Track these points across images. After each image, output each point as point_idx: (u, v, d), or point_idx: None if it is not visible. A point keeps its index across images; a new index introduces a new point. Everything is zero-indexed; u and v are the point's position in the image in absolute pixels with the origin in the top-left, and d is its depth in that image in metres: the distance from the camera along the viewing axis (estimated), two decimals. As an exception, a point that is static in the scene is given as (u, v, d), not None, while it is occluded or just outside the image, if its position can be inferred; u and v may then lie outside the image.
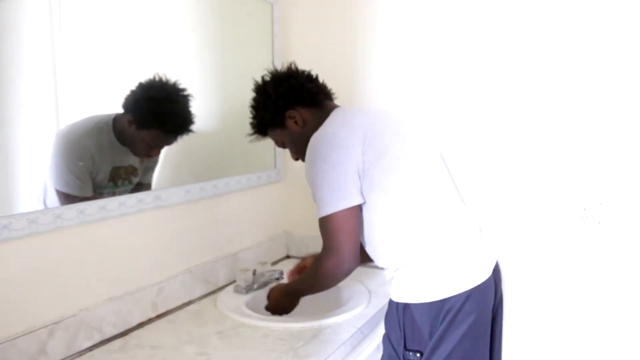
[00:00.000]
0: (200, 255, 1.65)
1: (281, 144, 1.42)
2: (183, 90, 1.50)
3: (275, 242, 2.03)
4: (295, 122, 1.35)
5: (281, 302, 1.46)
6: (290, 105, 1.34)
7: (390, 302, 1.27)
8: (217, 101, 1.75)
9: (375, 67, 1.92)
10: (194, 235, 1.63)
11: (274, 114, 1.36)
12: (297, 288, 1.43)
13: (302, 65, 2.01)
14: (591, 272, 1.69)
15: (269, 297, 1.50)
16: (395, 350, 1.26)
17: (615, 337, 1.67)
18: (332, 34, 1.98)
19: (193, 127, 1.53)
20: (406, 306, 1.20)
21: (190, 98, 1.51)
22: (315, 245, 1.87)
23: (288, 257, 2.10)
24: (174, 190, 1.53)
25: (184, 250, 1.59)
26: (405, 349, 1.22)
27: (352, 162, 1.18)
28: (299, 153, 1.37)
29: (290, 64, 1.43)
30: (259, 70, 1.92)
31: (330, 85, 1.96)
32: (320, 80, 1.42)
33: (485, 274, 1.20)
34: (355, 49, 1.94)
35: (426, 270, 1.19)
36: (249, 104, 1.42)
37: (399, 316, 1.22)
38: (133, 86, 1.37)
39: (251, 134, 1.43)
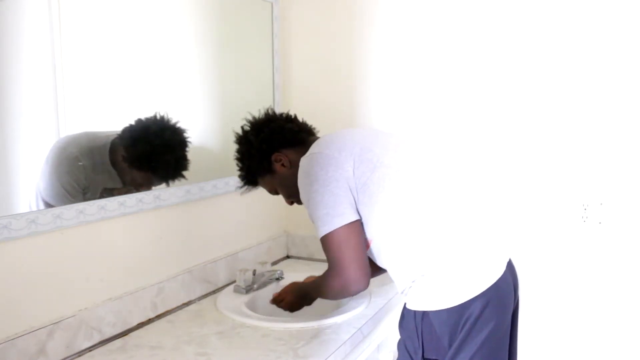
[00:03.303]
0: (200, 255, 1.65)
1: (274, 191, 1.43)
2: (181, 134, 1.47)
3: (275, 242, 2.03)
4: (283, 165, 1.35)
5: (297, 303, 1.47)
6: (275, 149, 1.35)
7: (406, 310, 1.26)
8: (217, 100, 1.75)
9: (375, 65, 1.91)
10: (194, 235, 1.63)
11: (260, 161, 1.36)
12: (310, 291, 1.43)
13: (302, 64, 2.04)
14: (592, 272, 1.69)
15: (281, 299, 1.50)
16: (412, 358, 1.25)
17: (616, 336, 1.67)
18: (332, 33, 1.97)
19: (186, 173, 1.51)
20: (424, 314, 1.19)
21: (188, 143, 1.49)
22: (315, 245, 1.87)
23: (288, 257, 2.10)
24: (173, 190, 1.53)
25: (184, 250, 1.59)
26: (424, 357, 1.21)
27: (343, 179, 1.18)
28: (292, 196, 1.37)
29: (267, 109, 1.44)
30: (259, 70, 1.94)
31: (330, 83, 1.97)
32: (300, 118, 1.44)
33: (499, 270, 1.19)
34: (354, 48, 1.94)
35: (443, 278, 1.17)
36: (234, 156, 1.42)
37: (417, 324, 1.21)
38: (128, 115, 1.36)
39: (241, 186, 1.44)
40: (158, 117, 1.41)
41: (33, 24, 1.16)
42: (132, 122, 1.37)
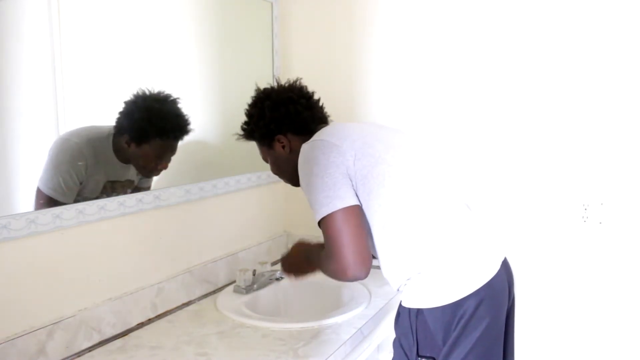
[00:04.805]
0: (200, 255, 1.65)
1: (264, 159, 1.43)
2: (169, 95, 1.48)
3: (275, 242, 2.03)
4: (283, 147, 1.35)
5: (300, 266, 1.41)
6: (282, 131, 1.34)
7: (402, 307, 1.26)
8: (217, 100, 1.75)
9: (375, 65, 1.91)
10: (194, 235, 1.63)
11: (263, 135, 1.36)
12: (311, 259, 1.36)
13: (302, 64, 2.04)
14: (592, 272, 1.69)
15: (288, 255, 1.45)
16: (407, 355, 1.25)
17: (616, 336, 1.67)
18: (332, 33, 1.97)
19: (191, 127, 1.52)
20: (419, 312, 1.19)
21: (178, 101, 1.50)
22: (315, 245, 1.86)
23: (288, 257, 2.10)
24: (173, 190, 1.53)
25: (184, 250, 1.59)
26: (418, 355, 1.21)
27: (343, 166, 1.17)
28: (280, 175, 1.39)
29: (295, 82, 1.41)
30: (259, 70, 1.94)
31: (330, 84, 1.97)
32: (321, 102, 1.41)
33: (494, 269, 1.19)
34: (354, 48, 1.94)
35: (437, 276, 1.18)
36: (245, 108, 1.41)
37: (411, 322, 1.21)
38: (120, 107, 1.36)
39: (238, 135, 1.42)
40: (140, 92, 1.41)
41: (33, 24, 1.16)
42: (120, 110, 1.37)
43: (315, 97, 1.41)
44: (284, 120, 1.33)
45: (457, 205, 1.26)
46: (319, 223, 1.18)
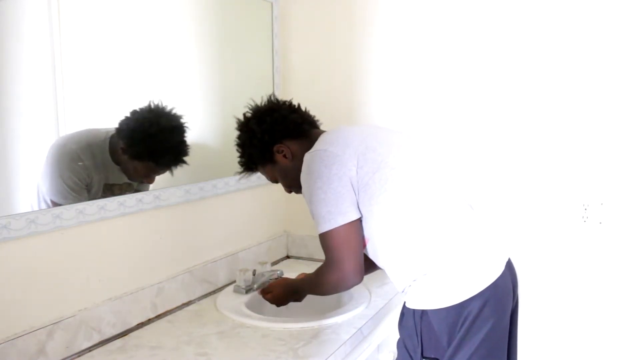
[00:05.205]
0: (200, 255, 1.65)
1: (273, 180, 1.42)
2: (178, 120, 1.47)
3: (275, 242, 2.03)
4: (284, 156, 1.34)
5: (284, 298, 1.47)
6: (277, 140, 1.34)
7: (406, 308, 1.26)
8: (217, 100, 1.75)
9: (375, 65, 1.91)
10: (194, 235, 1.63)
11: (261, 151, 1.35)
12: (301, 287, 1.43)
13: (302, 64, 2.04)
14: (592, 272, 1.69)
15: (269, 291, 1.50)
16: (411, 357, 1.26)
17: (616, 336, 1.67)
18: (332, 33, 1.97)
19: (187, 158, 1.51)
20: (423, 313, 1.20)
21: (185, 128, 1.49)
22: (315, 245, 1.87)
23: (288, 257, 2.10)
24: (173, 190, 1.53)
25: (184, 250, 1.59)
26: (423, 356, 1.21)
27: (346, 177, 1.18)
28: (292, 186, 1.38)
29: (270, 97, 1.42)
30: (259, 70, 1.94)
31: (330, 84, 1.98)
32: (303, 107, 1.43)
33: (498, 270, 1.20)
34: (354, 48, 1.94)
35: (442, 277, 1.18)
36: (235, 142, 1.42)
37: (416, 323, 1.22)
38: (127, 112, 1.35)
39: (240, 172, 1.43)
40: (152, 105, 1.41)
41: (33, 24, 1.16)
42: (128, 114, 1.36)
43: (294, 102, 1.42)
44: (274, 128, 1.34)
45: (461, 206, 1.25)
46: (321, 235, 1.21)
